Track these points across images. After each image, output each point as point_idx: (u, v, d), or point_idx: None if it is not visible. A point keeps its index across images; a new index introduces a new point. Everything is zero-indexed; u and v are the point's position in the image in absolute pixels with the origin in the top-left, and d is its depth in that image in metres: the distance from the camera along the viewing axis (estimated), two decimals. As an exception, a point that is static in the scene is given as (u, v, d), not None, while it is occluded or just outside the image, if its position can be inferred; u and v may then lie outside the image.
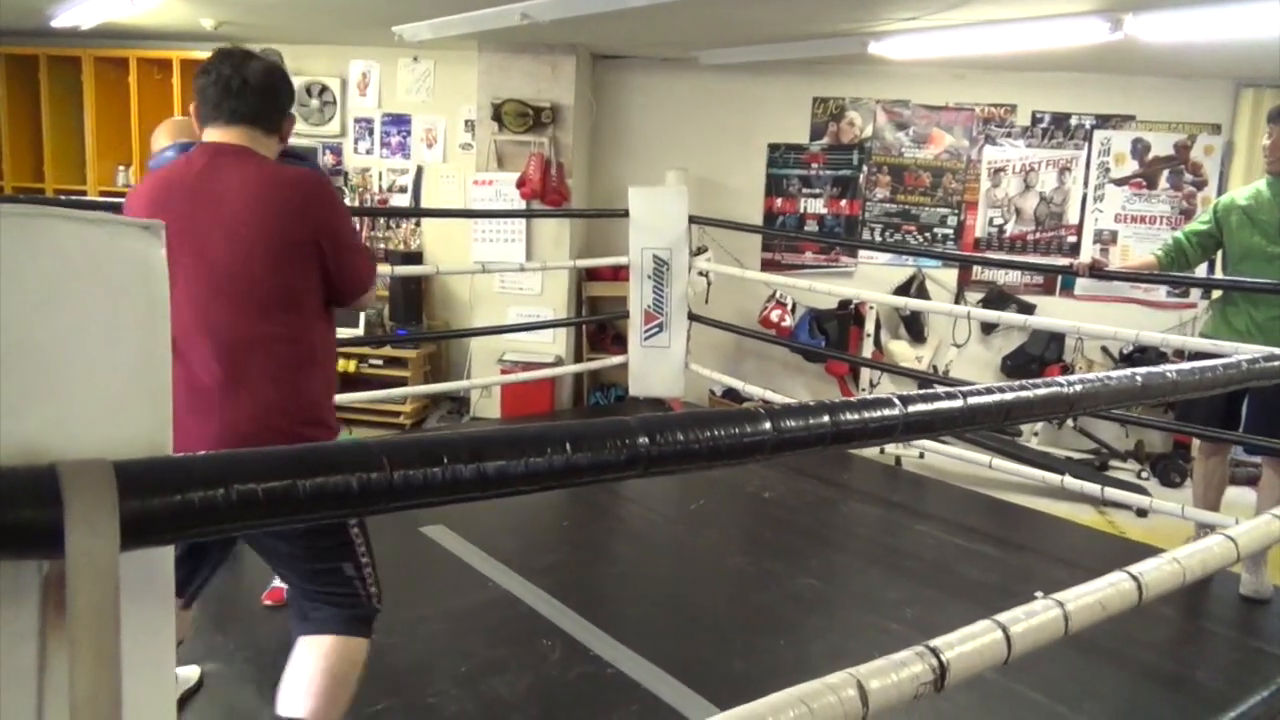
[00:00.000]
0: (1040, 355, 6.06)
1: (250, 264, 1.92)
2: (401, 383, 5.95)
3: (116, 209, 2.33)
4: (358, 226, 1.84)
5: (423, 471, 0.70)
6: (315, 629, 1.95)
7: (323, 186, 2.05)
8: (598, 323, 6.46)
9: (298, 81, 6.60)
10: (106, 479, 0.59)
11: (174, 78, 6.24)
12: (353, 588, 1.98)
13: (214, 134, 2.02)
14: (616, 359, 5.76)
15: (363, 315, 6.18)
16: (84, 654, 0.59)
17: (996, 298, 6.23)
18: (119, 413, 0.68)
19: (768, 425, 0.90)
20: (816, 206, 6.50)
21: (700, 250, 5.91)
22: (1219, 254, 3.64)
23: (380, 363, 6.24)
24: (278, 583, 2.93)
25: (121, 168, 6.55)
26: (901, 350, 6.20)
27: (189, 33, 6.08)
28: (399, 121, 6.67)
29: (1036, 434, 6.04)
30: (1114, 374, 1.27)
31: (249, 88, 2.02)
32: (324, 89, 6.67)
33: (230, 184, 1.94)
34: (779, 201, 6.53)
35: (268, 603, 2.98)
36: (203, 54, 6.19)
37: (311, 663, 1.92)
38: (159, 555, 0.69)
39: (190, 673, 2.53)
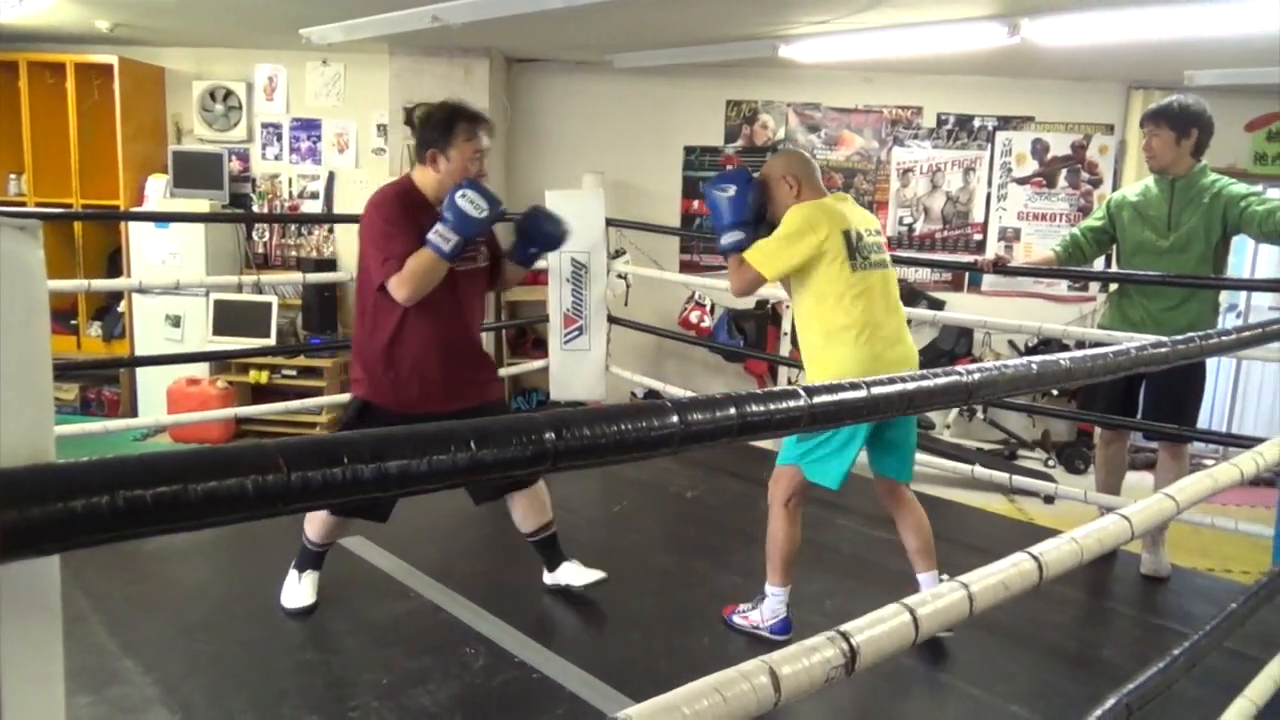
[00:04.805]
0: (951, 350, 6.24)
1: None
2: (317, 393, 5.83)
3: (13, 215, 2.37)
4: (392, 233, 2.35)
5: (322, 472, 0.69)
6: None
7: (372, 202, 2.72)
8: (517, 327, 6.42)
9: (199, 86, 6.43)
10: (-21, 488, 0.56)
11: (68, 82, 6.00)
12: None
13: None
14: (537, 363, 5.73)
15: (274, 325, 6.04)
16: (-40, 672, 0.56)
17: (907, 295, 6.37)
18: (-4, 420, 0.65)
19: (674, 418, 0.90)
20: (732, 208, 6.57)
21: (618, 253, 5.92)
22: (1114, 248, 3.79)
23: (294, 373, 6.10)
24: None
25: (14, 176, 6.27)
26: (818, 348, 6.29)
27: (83, 35, 5.87)
28: (308, 126, 6.53)
29: (949, 426, 6.21)
30: (1011, 362, 1.31)
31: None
32: (229, 93, 6.49)
33: None
34: (695, 203, 6.59)
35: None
36: (99, 57, 6.01)
37: None
38: (42, 567, 0.66)
39: (594, 575, 3.07)
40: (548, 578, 3.17)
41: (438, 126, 2.69)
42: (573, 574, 3.12)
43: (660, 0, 4.41)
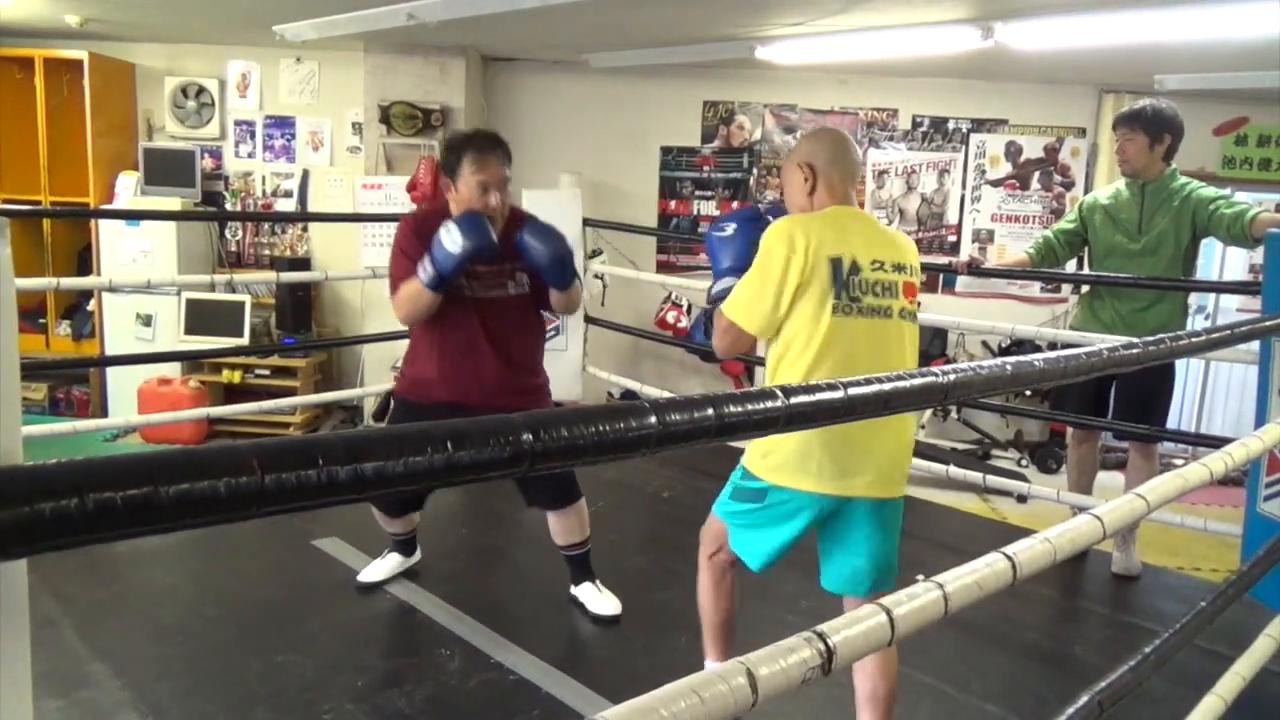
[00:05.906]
0: (925, 350, 6.28)
1: None
2: (290, 393, 5.78)
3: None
4: (398, 244, 2.32)
5: (296, 474, 0.68)
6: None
7: (399, 224, 2.83)
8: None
9: (171, 82, 6.36)
10: (-55, 491, 0.55)
11: (37, 77, 5.91)
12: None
13: None
14: (513, 363, 5.71)
15: (248, 324, 5.99)
16: (-76, 679, 0.55)
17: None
18: (-38, 422, 0.63)
19: (652, 419, 0.90)
20: (709, 208, 6.59)
21: (595, 253, 5.92)
22: (1085, 251, 3.83)
23: (267, 373, 6.04)
24: None
25: (-20, 172, 6.16)
26: (794, 349, 6.32)
27: (53, 30, 5.78)
28: (282, 124, 6.47)
29: (923, 426, 6.25)
30: (985, 363, 1.32)
31: None
32: (201, 90, 6.42)
33: None
34: (672, 203, 6.60)
35: None
36: (68, 52, 5.92)
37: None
38: (9, 570, 0.65)
39: (607, 605, 3.06)
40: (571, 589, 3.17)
41: (451, 154, 2.70)
42: (588, 596, 3.10)
43: (636, 0, 4.41)
